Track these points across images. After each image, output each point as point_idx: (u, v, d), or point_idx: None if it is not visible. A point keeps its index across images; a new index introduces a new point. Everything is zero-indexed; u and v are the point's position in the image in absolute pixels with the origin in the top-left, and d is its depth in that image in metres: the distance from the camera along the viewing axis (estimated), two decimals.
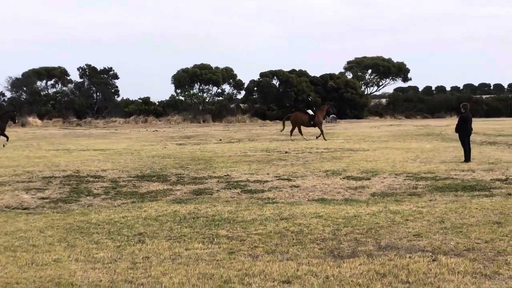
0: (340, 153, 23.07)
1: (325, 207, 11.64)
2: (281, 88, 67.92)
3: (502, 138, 30.74)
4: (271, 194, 13.49)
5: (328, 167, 18.30)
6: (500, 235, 9.01)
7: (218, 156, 22.47)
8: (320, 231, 9.51)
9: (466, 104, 21.04)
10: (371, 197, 12.99)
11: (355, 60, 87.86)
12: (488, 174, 16.13)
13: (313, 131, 35.15)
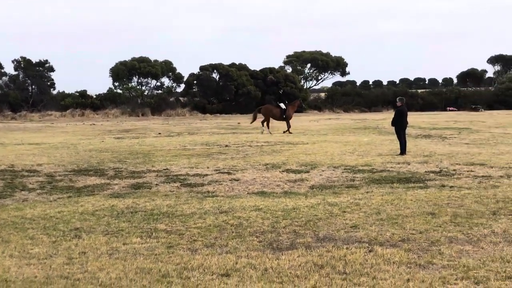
0: (280, 147, 23.21)
1: (265, 200, 11.71)
2: (221, 81, 67.75)
3: (436, 131, 31.46)
4: (211, 188, 13.48)
5: (268, 160, 18.39)
6: (434, 226, 9.24)
7: (157, 150, 22.30)
8: (260, 224, 9.56)
9: (402, 98, 21.46)
10: (310, 189, 13.13)
11: (294, 54, 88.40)
12: (423, 166, 16.50)
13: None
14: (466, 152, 19.96)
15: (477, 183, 13.35)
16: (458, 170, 15.49)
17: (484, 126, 35.57)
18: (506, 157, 18.22)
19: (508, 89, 71.92)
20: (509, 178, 14.01)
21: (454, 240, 8.37)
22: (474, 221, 9.53)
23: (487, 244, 8.15)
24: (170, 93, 71.52)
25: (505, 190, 12.28)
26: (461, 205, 10.85)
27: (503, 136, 27.27)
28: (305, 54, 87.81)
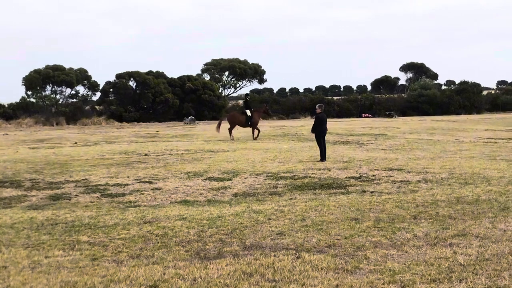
0: (201, 155, 23.08)
1: (189, 209, 11.58)
2: (138, 89, 66.98)
3: (353, 137, 32.08)
4: (133, 198, 13.24)
5: (189, 168, 18.24)
6: (358, 231, 9.36)
7: (74, 160, 21.75)
8: (185, 233, 9.44)
9: (322, 105, 21.76)
10: (234, 197, 13.09)
11: (212, 62, 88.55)
12: (343, 172, 16.76)
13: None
14: (383, 158, 20.43)
15: (396, 188, 13.65)
16: (378, 176, 15.81)
17: (399, 132, 36.54)
18: (422, 162, 18.75)
19: (420, 96, 74.26)
20: (427, 182, 14.40)
21: (378, 245, 8.50)
22: (396, 225, 9.72)
23: (410, 248, 8.31)
24: (86, 101, 70.28)
25: (423, 195, 12.60)
26: (382, 210, 11.05)
27: (417, 142, 28.08)
28: (223, 61, 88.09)
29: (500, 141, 27.75)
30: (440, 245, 8.37)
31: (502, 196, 12.16)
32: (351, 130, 38.83)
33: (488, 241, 8.49)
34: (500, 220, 9.92)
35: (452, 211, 10.73)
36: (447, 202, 11.67)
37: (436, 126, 43.08)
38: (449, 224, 9.72)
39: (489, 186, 13.55)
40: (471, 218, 10.10)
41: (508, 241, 8.45)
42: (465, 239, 8.66)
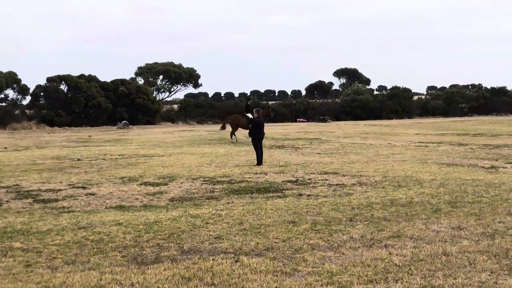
0: (135, 159, 22.82)
1: (125, 214, 11.42)
2: (69, 93, 65.72)
3: (289, 141, 32.34)
4: (66, 203, 12.96)
5: (124, 173, 18.00)
6: (295, 234, 9.42)
7: (4, 165, 21.16)
8: (121, 239, 9.30)
9: (259, 109, 21.86)
10: (170, 202, 12.98)
11: (146, 66, 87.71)
12: (280, 176, 16.85)
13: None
14: (319, 162, 20.65)
15: (332, 191, 13.81)
16: (313, 179, 15.96)
17: (333, 136, 37.04)
18: (357, 166, 19.04)
19: (353, 101, 75.48)
20: (361, 185, 14.63)
21: (316, 247, 8.56)
22: (333, 228, 9.83)
23: (347, 249, 8.41)
24: (15, 105, 68.52)
25: (358, 197, 12.79)
26: (319, 213, 11.16)
27: (351, 146, 28.53)
28: (157, 65, 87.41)
29: (430, 145, 28.45)
30: (376, 247, 8.50)
31: (434, 198, 12.45)
32: (287, 135, 39.17)
33: (422, 242, 8.68)
34: (433, 221, 10.15)
35: (387, 213, 10.93)
36: (381, 204, 11.87)
37: (369, 131, 43.87)
38: (384, 226, 9.88)
39: (421, 188, 13.86)
40: (405, 220, 10.30)
41: (441, 242, 8.65)
42: (400, 240, 8.82)
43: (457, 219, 10.25)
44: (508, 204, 11.54)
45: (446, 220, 10.24)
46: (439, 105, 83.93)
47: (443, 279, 6.91)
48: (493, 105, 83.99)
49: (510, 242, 8.51)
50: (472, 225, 9.78)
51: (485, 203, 11.67)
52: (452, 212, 10.92)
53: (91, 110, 65.09)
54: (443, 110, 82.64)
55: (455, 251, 8.13)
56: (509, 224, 9.72)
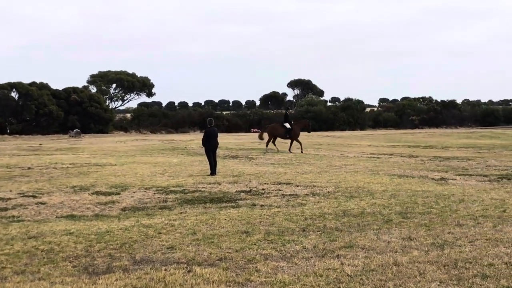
0: (87, 168, 22.54)
1: (76, 224, 11.26)
2: (20, 101, 64.63)
3: (243, 152, 32.39)
4: (16, 212, 12.72)
5: (75, 182, 17.76)
6: (249, 244, 9.43)
7: None
8: (72, 249, 9.17)
9: (211, 119, 21.86)
10: (122, 211, 12.86)
11: (99, 74, 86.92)
12: (233, 186, 16.85)
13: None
14: (272, 172, 20.73)
15: (285, 202, 13.87)
16: (267, 189, 16.02)
17: (286, 147, 37.22)
18: (310, 176, 19.17)
19: (307, 112, 76.05)
20: (314, 196, 14.73)
21: (269, 257, 8.59)
22: (286, 238, 9.87)
23: (299, 259, 8.45)
24: None
25: (311, 208, 12.87)
26: (272, 223, 11.19)
27: (305, 157, 28.71)
28: (110, 74, 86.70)
29: (382, 156, 28.84)
30: (328, 257, 8.57)
31: (386, 209, 12.62)
32: (241, 145, 39.21)
33: (373, 252, 8.78)
34: (384, 231, 10.28)
35: (339, 224, 11.02)
36: (334, 215, 11.97)
37: (322, 142, 44.25)
38: (336, 236, 9.97)
39: (373, 199, 14.03)
40: (357, 230, 10.41)
41: (392, 252, 8.77)
42: (352, 251, 8.91)
43: (407, 230, 10.40)
44: (457, 215, 11.76)
45: (397, 230, 10.39)
46: (390, 117, 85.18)
47: None
48: (443, 118, 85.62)
49: (458, 253, 8.68)
50: (422, 235, 9.93)
51: (435, 214, 11.88)
52: (403, 222, 11.08)
53: (43, 118, 64.15)
54: (395, 122, 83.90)
55: (406, 261, 8.24)
56: (458, 235, 9.90)
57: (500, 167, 22.14)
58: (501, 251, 8.76)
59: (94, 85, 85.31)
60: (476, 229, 10.39)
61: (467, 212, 12.07)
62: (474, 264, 8.02)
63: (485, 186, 16.34)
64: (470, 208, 12.56)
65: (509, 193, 14.85)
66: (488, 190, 15.53)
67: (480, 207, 12.68)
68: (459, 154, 29.93)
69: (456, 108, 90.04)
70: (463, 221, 11.13)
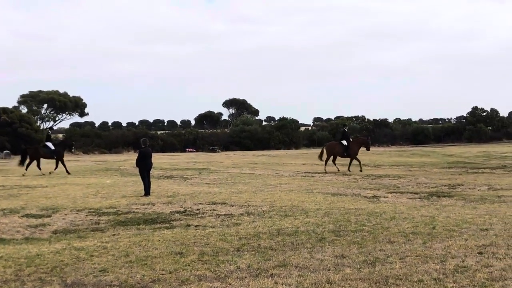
0: (17, 190, 21.99)
1: (5, 248, 10.95)
2: None
3: (178, 172, 32.21)
4: None
5: (4, 205, 17.29)
6: (183, 265, 9.37)
7: None
8: (1, 273, 8.91)
9: (145, 139, 21.70)
10: (53, 234, 12.57)
11: (30, 94, 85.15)
12: (168, 207, 16.73)
13: None
14: (207, 192, 20.68)
15: (220, 222, 13.85)
16: (202, 209, 15.96)
17: (222, 166, 37.21)
18: (245, 196, 19.21)
19: (242, 131, 76.23)
20: (249, 215, 14.76)
21: (203, 278, 8.54)
22: (220, 258, 9.85)
23: (234, 279, 8.44)
24: None
25: (246, 227, 12.89)
26: (207, 243, 11.15)
27: (240, 176, 28.76)
28: (42, 94, 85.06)
29: (316, 175, 29.16)
30: (262, 276, 8.59)
31: (319, 227, 12.75)
32: (175, 165, 38.98)
33: (307, 271, 8.85)
34: (317, 250, 10.38)
35: (273, 243, 11.07)
36: (268, 234, 12.02)
37: (258, 161, 44.44)
38: (270, 255, 10.01)
39: (307, 218, 14.15)
40: (291, 249, 10.48)
41: (325, 270, 8.86)
42: (286, 269, 8.95)
43: (340, 248, 10.53)
44: (389, 232, 11.98)
45: (330, 248, 10.50)
46: (325, 136, 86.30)
47: None
48: (375, 137, 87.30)
49: (389, 269, 8.83)
50: (355, 253, 10.08)
51: (367, 232, 12.07)
52: (336, 240, 11.21)
53: None
54: (329, 141, 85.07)
55: (338, 279, 8.34)
56: (389, 252, 10.08)
57: (430, 185, 22.70)
58: (430, 267, 8.96)
59: (24, 105, 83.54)
60: (406, 246, 10.61)
61: (398, 229, 12.31)
62: (404, 281, 8.18)
63: (415, 204, 16.72)
64: (401, 225, 12.82)
65: (439, 210, 15.23)
66: (419, 207, 15.89)
67: (411, 224, 12.96)
68: (390, 172, 30.55)
69: (388, 127, 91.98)
70: (394, 238, 11.35)
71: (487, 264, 9.06)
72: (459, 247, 10.34)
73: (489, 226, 12.39)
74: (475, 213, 14.37)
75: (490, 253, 9.79)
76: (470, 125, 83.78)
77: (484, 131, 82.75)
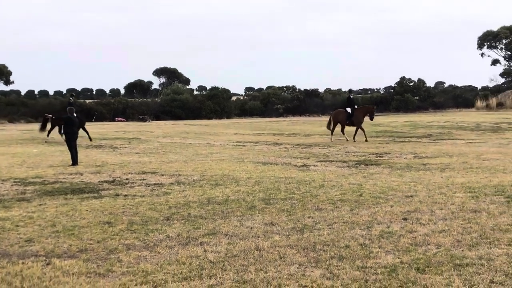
0: None
1: None
2: None
3: (107, 141, 31.72)
4: None
5: None
6: (111, 235, 9.28)
7: None
8: None
9: (72, 107, 21.24)
10: None
11: None
12: (96, 176, 16.49)
13: None
14: (137, 161, 20.47)
15: (150, 191, 13.75)
16: (131, 179, 15.80)
17: (152, 136, 36.86)
18: (175, 165, 19.11)
19: (173, 100, 75.59)
20: (179, 184, 14.71)
21: (131, 247, 8.49)
22: (149, 227, 9.80)
23: (163, 248, 8.42)
24: None
25: (176, 196, 12.85)
26: (136, 212, 11.07)
27: (171, 146, 28.55)
28: None
29: (248, 144, 29.24)
30: (192, 244, 8.60)
31: (250, 195, 12.82)
32: (104, 134, 38.36)
33: (236, 238, 8.91)
34: (247, 218, 10.45)
35: (203, 211, 11.08)
36: (198, 203, 12.02)
37: (189, 130, 44.20)
38: (200, 224, 10.02)
39: (237, 186, 14.21)
40: (221, 218, 10.52)
41: (254, 238, 8.94)
42: (215, 238, 8.99)
43: (270, 215, 10.63)
44: (317, 200, 12.16)
45: (260, 216, 10.59)
46: (256, 106, 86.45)
47: (255, 273, 7.15)
48: (306, 107, 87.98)
49: (317, 236, 8.98)
50: (284, 220, 10.19)
51: (296, 200, 12.22)
52: (266, 208, 11.31)
53: None
54: (260, 110, 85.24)
55: (267, 246, 8.43)
56: (318, 219, 10.25)
57: (358, 153, 23.11)
58: (357, 233, 9.16)
59: None
60: (334, 213, 10.80)
61: (326, 197, 12.51)
62: (331, 247, 8.33)
63: (344, 172, 17.00)
64: (329, 193, 13.03)
65: (366, 178, 15.54)
66: (347, 175, 16.17)
67: (339, 191, 13.19)
68: (320, 141, 30.92)
69: (318, 97, 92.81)
70: (323, 205, 11.53)
71: (411, 229, 9.32)
72: (385, 214, 10.60)
73: (414, 193, 12.74)
74: (401, 181, 14.74)
75: (414, 219, 10.08)
76: (397, 95, 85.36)
77: (411, 101, 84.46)
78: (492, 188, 13.18)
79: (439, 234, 8.98)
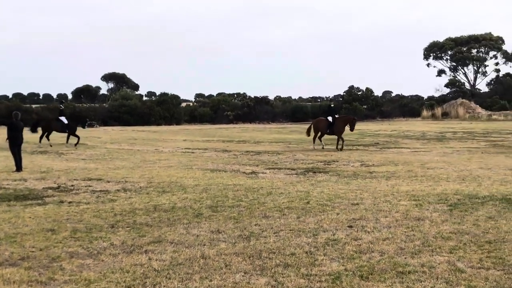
0: None
1: None
2: None
3: (52, 147, 31.17)
4: None
5: None
6: (54, 242, 9.11)
7: None
8: None
9: (17, 112, 20.80)
10: None
11: None
12: (41, 182, 16.19)
13: None
14: (83, 168, 20.18)
15: (95, 198, 13.56)
16: (76, 186, 15.57)
17: (100, 141, 36.43)
18: (122, 172, 18.91)
19: (121, 106, 74.87)
20: (125, 191, 14.55)
21: (75, 255, 8.35)
22: (93, 235, 9.66)
23: (107, 256, 8.31)
24: None
25: (122, 204, 12.70)
26: (80, 220, 10.90)
27: (118, 152, 28.25)
28: None
29: (197, 151, 29.13)
30: (136, 252, 8.51)
31: (197, 203, 12.77)
32: (51, 140, 37.67)
33: (182, 246, 8.85)
34: (194, 226, 10.40)
35: (149, 219, 10.99)
36: (144, 210, 11.91)
37: (137, 136, 43.82)
38: (145, 231, 9.93)
39: (185, 193, 14.13)
40: (167, 225, 10.44)
41: (200, 245, 8.90)
42: (160, 245, 8.92)
43: (216, 223, 10.60)
44: (265, 207, 12.19)
45: (206, 224, 10.55)
46: (206, 112, 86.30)
47: (200, 282, 7.11)
48: (256, 114, 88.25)
49: (263, 244, 8.99)
50: (230, 228, 10.18)
51: (244, 207, 12.22)
52: (213, 216, 11.28)
53: None
54: (210, 117, 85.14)
55: (213, 253, 8.40)
56: (264, 227, 10.26)
57: (307, 161, 23.27)
58: (303, 241, 9.20)
59: None
60: (281, 220, 10.83)
61: (274, 204, 12.55)
62: (277, 254, 8.35)
63: (292, 179, 17.09)
64: (277, 200, 13.07)
65: (314, 185, 15.65)
66: (295, 182, 16.26)
67: (286, 199, 13.24)
68: (270, 149, 31.03)
69: (268, 104, 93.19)
70: (270, 213, 11.56)
71: (356, 237, 9.42)
72: (331, 221, 10.68)
73: (360, 201, 12.88)
74: (348, 188, 14.89)
75: (360, 227, 10.19)
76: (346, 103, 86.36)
77: (360, 110, 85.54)
78: (436, 196, 13.43)
79: (383, 241, 9.10)
